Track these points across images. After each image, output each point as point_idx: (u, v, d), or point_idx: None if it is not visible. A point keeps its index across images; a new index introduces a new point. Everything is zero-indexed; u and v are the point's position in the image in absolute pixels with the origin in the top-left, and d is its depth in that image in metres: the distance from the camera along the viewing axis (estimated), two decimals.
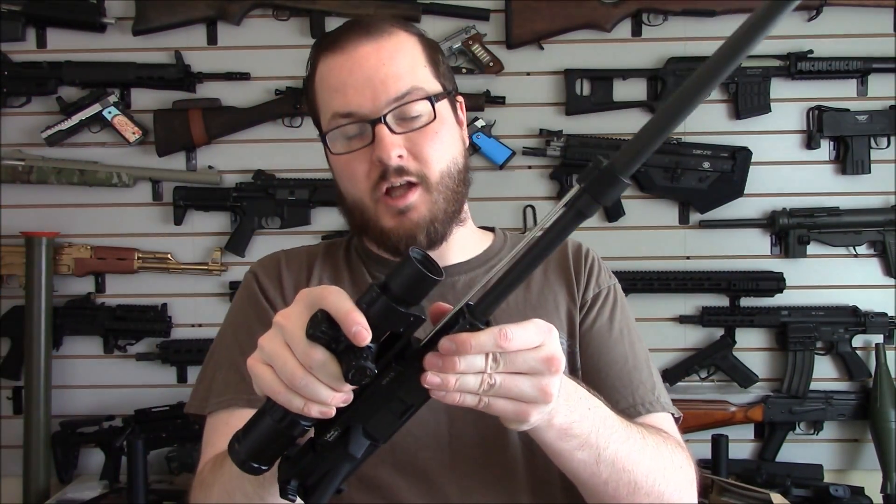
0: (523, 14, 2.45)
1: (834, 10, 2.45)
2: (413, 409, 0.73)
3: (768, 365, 2.51)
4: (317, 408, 0.69)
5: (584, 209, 0.67)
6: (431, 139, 1.00)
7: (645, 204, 2.52)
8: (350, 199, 1.04)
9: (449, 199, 1.01)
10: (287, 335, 0.70)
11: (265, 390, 0.71)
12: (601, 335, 1.07)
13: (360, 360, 0.67)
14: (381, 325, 0.68)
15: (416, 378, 0.70)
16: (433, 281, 0.67)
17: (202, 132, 2.47)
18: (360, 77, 0.99)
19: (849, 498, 2.30)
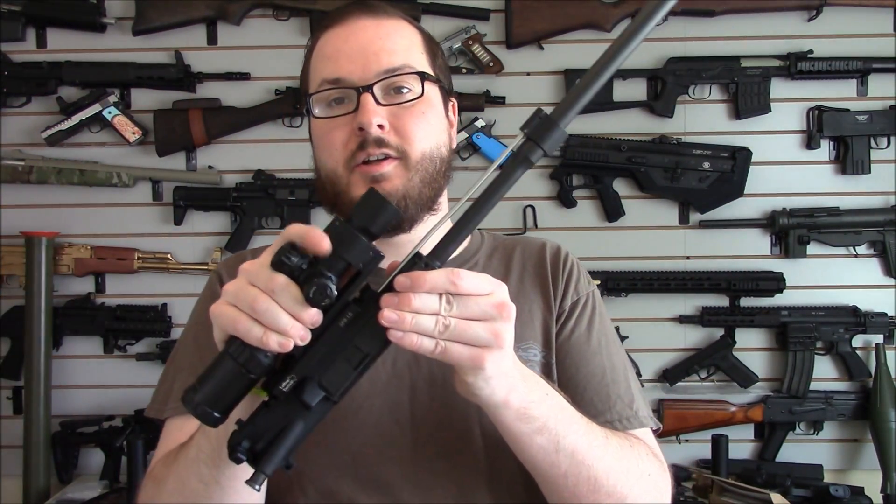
0: (523, 14, 2.45)
1: (834, 10, 2.45)
2: (369, 359, 0.72)
3: (768, 365, 2.51)
4: (275, 337, 0.68)
5: (529, 154, 0.73)
6: (416, 117, 0.97)
7: (645, 204, 2.52)
8: (324, 171, 1.00)
9: (426, 182, 0.97)
10: (251, 274, 0.71)
11: (225, 326, 0.71)
12: (579, 346, 1.03)
13: (322, 279, 0.68)
14: (344, 255, 0.69)
15: (372, 322, 0.71)
16: (394, 211, 0.71)
17: (202, 132, 2.47)
18: (355, 46, 0.97)
19: (849, 498, 2.30)
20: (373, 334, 0.72)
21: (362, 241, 0.70)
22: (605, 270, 2.47)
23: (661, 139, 2.47)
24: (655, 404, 2.50)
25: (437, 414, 0.96)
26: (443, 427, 0.96)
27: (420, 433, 0.96)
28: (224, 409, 0.72)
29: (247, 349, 0.70)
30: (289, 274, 0.69)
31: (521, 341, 1.00)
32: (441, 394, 0.97)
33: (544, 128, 0.73)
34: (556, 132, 0.73)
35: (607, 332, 1.07)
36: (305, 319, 0.69)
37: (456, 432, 0.97)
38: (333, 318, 0.72)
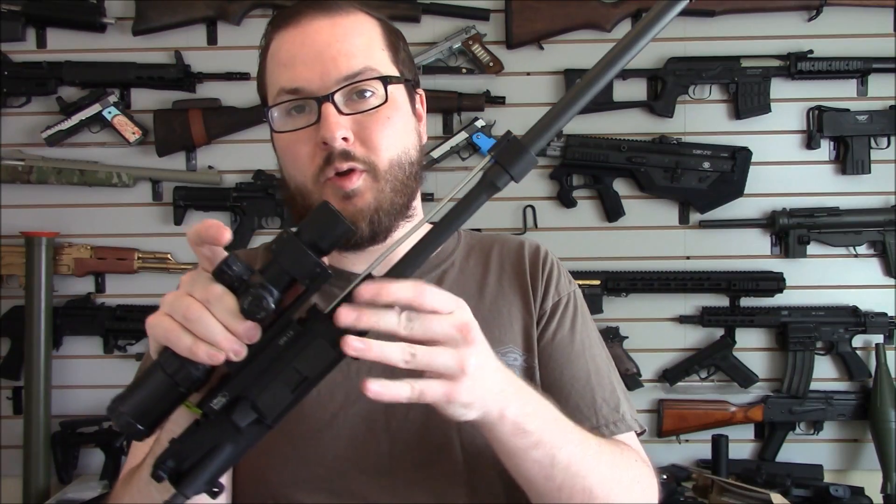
0: (523, 14, 2.45)
1: (834, 10, 2.45)
2: (308, 383, 0.68)
3: (768, 365, 2.51)
4: (205, 347, 0.65)
5: (495, 180, 0.70)
6: (382, 124, 0.92)
7: (645, 204, 2.52)
8: (293, 184, 0.95)
9: (397, 191, 0.93)
10: (189, 283, 0.68)
11: (157, 335, 0.68)
12: (562, 349, 1.01)
13: (259, 291, 0.65)
14: (289, 269, 0.66)
15: (315, 344, 0.68)
16: (345, 226, 0.67)
17: (202, 132, 2.47)
18: (311, 52, 0.91)
19: (849, 498, 2.30)
20: (315, 356, 0.68)
21: (309, 255, 0.66)
22: (605, 270, 2.47)
23: (661, 139, 2.47)
24: (655, 404, 2.50)
25: (415, 423, 0.94)
26: (420, 437, 0.94)
27: (397, 443, 0.93)
28: (150, 423, 0.68)
29: (177, 360, 0.67)
30: (228, 284, 0.66)
31: (501, 345, 0.98)
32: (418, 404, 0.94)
33: (513, 152, 0.69)
34: (526, 157, 0.69)
35: (590, 333, 1.05)
36: (239, 332, 0.66)
37: (434, 442, 0.94)
38: (274, 335, 0.68)
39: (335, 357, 0.68)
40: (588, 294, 2.45)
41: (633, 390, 2.47)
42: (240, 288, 0.66)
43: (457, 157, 2.47)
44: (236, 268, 0.66)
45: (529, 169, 0.70)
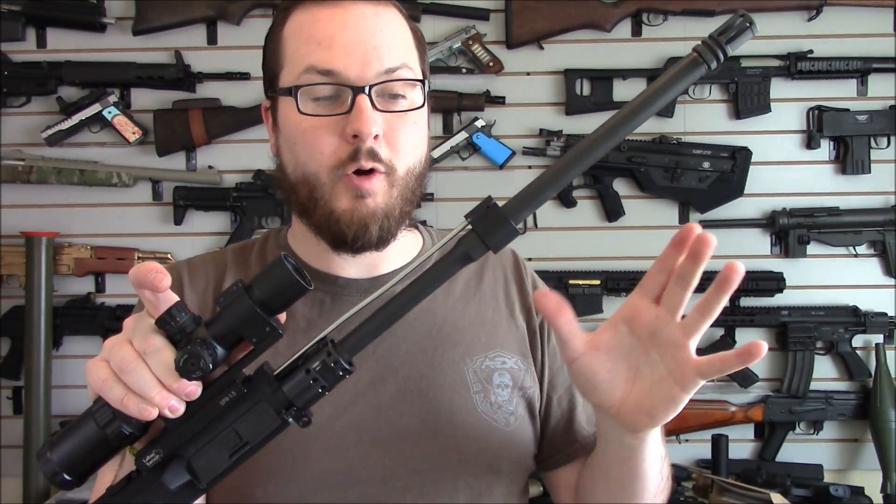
0: (523, 14, 2.45)
1: (834, 10, 2.45)
2: (248, 448, 0.65)
3: (768, 365, 2.51)
4: (136, 401, 0.62)
5: (470, 250, 0.64)
6: (410, 128, 0.89)
7: (645, 204, 2.52)
8: (300, 173, 0.89)
9: (406, 198, 0.90)
10: (130, 329, 0.65)
11: (91, 383, 0.65)
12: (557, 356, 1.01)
13: (197, 348, 0.61)
14: (237, 327, 0.62)
15: (259, 408, 0.64)
16: (301, 288, 0.63)
17: (202, 132, 2.47)
18: (353, 36, 0.86)
19: (849, 498, 2.30)
20: (257, 421, 0.64)
21: (258, 315, 0.62)
22: (605, 270, 2.47)
23: (661, 139, 2.47)
24: None
25: (408, 431, 0.92)
26: (415, 445, 0.92)
27: (389, 452, 0.91)
28: (80, 474, 0.65)
29: (110, 412, 0.63)
30: (171, 335, 0.63)
31: (489, 350, 0.97)
32: (411, 410, 0.92)
33: (492, 221, 0.64)
34: (506, 228, 0.64)
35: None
36: (175, 389, 0.62)
37: (429, 449, 0.92)
38: (216, 393, 0.64)
39: (279, 424, 0.65)
40: (588, 294, 2.45)
41: None
42: (181, 341, 0.62)
43: (457, 157, 2.47)
44: (180, 318, 0.62)
45: (509, 241, 0.65)
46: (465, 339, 0.97)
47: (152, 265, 0.64)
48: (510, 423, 0.96)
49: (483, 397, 0.95)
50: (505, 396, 0.96)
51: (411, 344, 0.95)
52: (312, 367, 0.64)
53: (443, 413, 0.93)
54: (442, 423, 0.93)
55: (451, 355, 0.96)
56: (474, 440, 0.93)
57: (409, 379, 0.94)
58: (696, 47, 0.65)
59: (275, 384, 0.65)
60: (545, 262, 2.47)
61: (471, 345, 0.97)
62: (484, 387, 0.95)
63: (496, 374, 0.97)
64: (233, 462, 0.65)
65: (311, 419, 0.66)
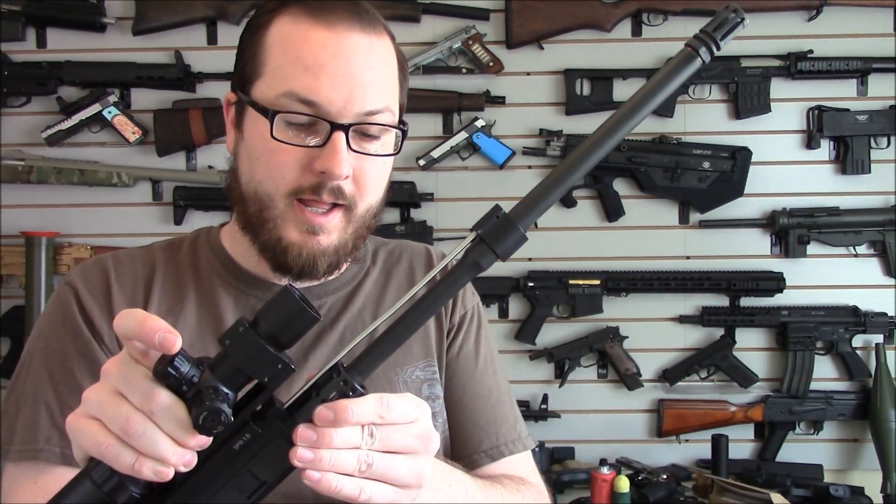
0: (523, 14, 2.45)
1: (834, 10, 2.45)
2: (265, 487, 0.61)
3: (768, 365, 2.51)
4: (150, 464, 0.56)
5: (480, 259, 0.62)
6: (379, 171, 0.87)
7: (645, 204, 2.52)
8: (253, 188, 0.86)
9: (359, 234, 0.88)
10: (120, 380, 0.58)
11: (88, 447, 0.58)
12: (467, 364, 0.99)
13: (215, 402, 0.56)
14: (246, 368, 0.58)
15: (275, 446, 0.60)
16: (312, 318, 0.59)
17: (202, 132, 2.47)
18: (343, 70, 0.82)
19: (849, 498, 2.29)
20: (273, 459, 0.60)
21: (268, 352, 0.58)
22: (605, 270, 2.47)
23: (661, 139, 2.47)
24: (655, 404, 2.50)
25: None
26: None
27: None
28: None
29: (114, 476, 0.57)
30: (174, 387, 0.57)
31: (422, 359, 0.96)
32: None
33: (501, 229, 0.62)
34: (515, 235, 0.62)
35: (491, 348, 1.03)
36: (191, 446, 0.57)
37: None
38: (228, 437, 0.60)
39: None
40: (588, 294, 2.45)
41: (634, 390, 2.47)
42: (188, 391, 0.57)
43: (457, 157, 2.47)
44: (184, 370, 0.57)
45: (518, 247, 0.63)
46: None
47: (157, 323, 0.57)
48: (443, 431, 0.95)
49: None
50: (436, 407, 0.95)
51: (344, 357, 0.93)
52: (330, 398, 0.61)
53: None
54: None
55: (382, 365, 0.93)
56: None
57: None
58: (689, 41, 0.66)
59: (289, 419, 0.61)
60: (545, 262, 2.47)
61: (401, 354, 0.93)
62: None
63: (426, 384, 0.96)
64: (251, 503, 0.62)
65: None
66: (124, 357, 0.59)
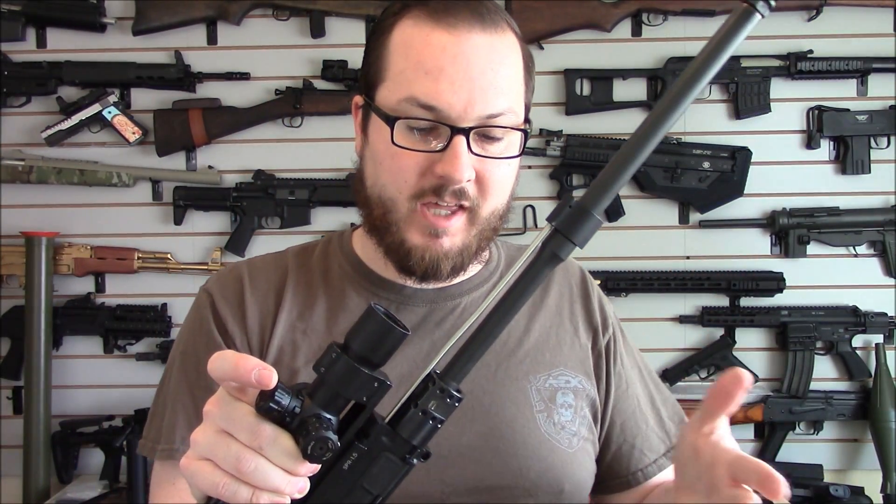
0: (523, 14, 2.45)
1: (834, 10, 2.45)
2: (380, 499, 0.63)
3: (768, 365, 2.51)
4: (267, 496, 0.58)
5: (557, 250, 0.62)
6: (503, 173, 0.87)
7: (645, 204, 2.52)
8: (379, 192, 0.88)
9: (484, 237, 0.89)
10: (225, 420, 0.59)
11: (205, 488, 0.60)
12: (628, 374, 1.01)
13: (321, 431, 0.58)
14: (343, 391, 0.60)
15: (383, 459, 0.62)
16: (401, 335, 0.60)
17: (202, 132, 2.47)
18: (463, 73, 0.82)
19: (849, 498, 2.30)
20: (384, 473, 0.62)
21: (363, 374, 0.59)
22: (605, 270, 2.47)
23: None
24: None
25: (469, 448, 0.89)
26: (475, 463, 0.89)
27: (448, 469, 0.88)
28: None
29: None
30: (278, 420, 0.59)
31: (552, 368, 0.96)
32: (472, 427, 0.90)
33: (575, 218, 0.62)
34: (591, 222, 0.62)
35: (639, 354, 1.06)
36: (303, 474, 0.59)
37: (490, 468, 0.89)
38: (336, 458, 0.62)
39: (407, 469, 0.63)
40: None
41: None
42: (292, 422, 0.59)
43: None
44: (285, 402, 0.58)
45: (594, 232, 0.63)
46: (528, 356, 0.96)
47: (251, 363, 0.58)
48: (573, 445, 0.94)
49: (546, 416, 0.93)
50: (568, 416, 0.94)
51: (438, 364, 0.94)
52: (429, 408, 0.62)
53: (504, 431, 0.91)
54: (503, 442, 0.90)
55: (515, 372, 0.94)
56: (536, 460, 0.91)
57: (470, 395, 0.90)
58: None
59: (392, 433, 0.62)
60: None
61: (534, 362, 0.95)
62: (547, 406, 0.94)
63: (560, 392, 0.95)
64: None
65: (430, 453, 0.65)
66: (224, 397, 0.60)
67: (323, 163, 2.48)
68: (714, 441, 0.71)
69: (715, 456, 0.70)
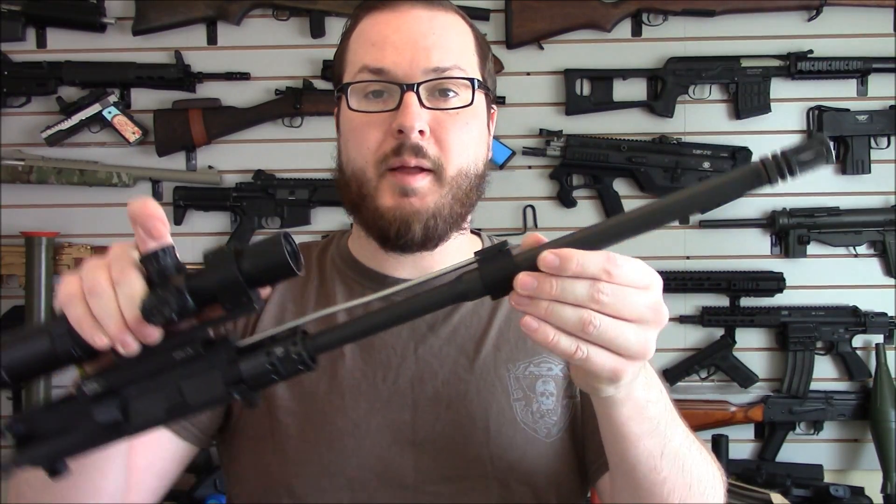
0: (523, 14, 2.45)
1: (834, 10, 2.45)
2: (185, 409, 0.64)
3: (768, 365, 2.51)
4: (91, 325, 0.60)
5: (469, 292, 0.62)
6: (460, 127, 0.90)
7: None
8: (351, 168, 0.91)
9: (458, 200, 0.90)
10: (112, 256, 0.62)
11: (60, 297, 0.62)
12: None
13: (168, 297, 0.59)
14: (214, 288, 0.61)
15: (210, 375, 0.63)
16: (290, 271, 0.61)
17: (202, 132, 2.47)
18: (404, 37, 0.88)
19: (849, 498, 2.30)
20: (204, 386, 0.63)
21: (239, 282, 0.60)
22: None
23: (661, 139, 2.47)
24: None
25: (443, 436, 0.90)
26: (449, 451, 0.90)
27: (422, 456, 0.90)
28: (16, 377, 0.63)
29: (65, 329, 0.62)
30: (151, 275, 0.61)
31: (536, 356, 0.95)
32: (447, 415, 0.91)
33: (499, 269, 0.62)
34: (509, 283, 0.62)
35: None
36: (134, 328, 0.60)
37: (463, 457, 0.90)
38: (174, 345, 0.63)
39: (224, 396, 0.63)
40: None
41: None
42: (160, 284, 0.61)
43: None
44: (164, 262, 0.61)
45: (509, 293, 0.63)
46: (508, 343, 0.95)
47: (155, 212, 0.61)
48: (552, 434, 0.93)
49: (524, 405, 0.92)
50: (549, 405, 0.93)
51: (453, 347, 0.93)
52: (274, 352, 0.63)
53: (478, 420, 0.91)
54: (477, 431, 0.90)
55: (493, 360, 0.94)
56: (510, 450, 0.90)
57: (447, 382, 0.91)
58: (763, 158, 0.61)
59: (234, 357, 0.63)
60: None
61: (515, 349, 0.94)
62: (526, 394, 0.93)
63: (540, 381, 0.94)
64: (166, 418, 0.64)
65: (258, 403, 0.65)
66: (127, 243, 0.63)
67: (323, 163, 2.45)
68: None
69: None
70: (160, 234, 0.61)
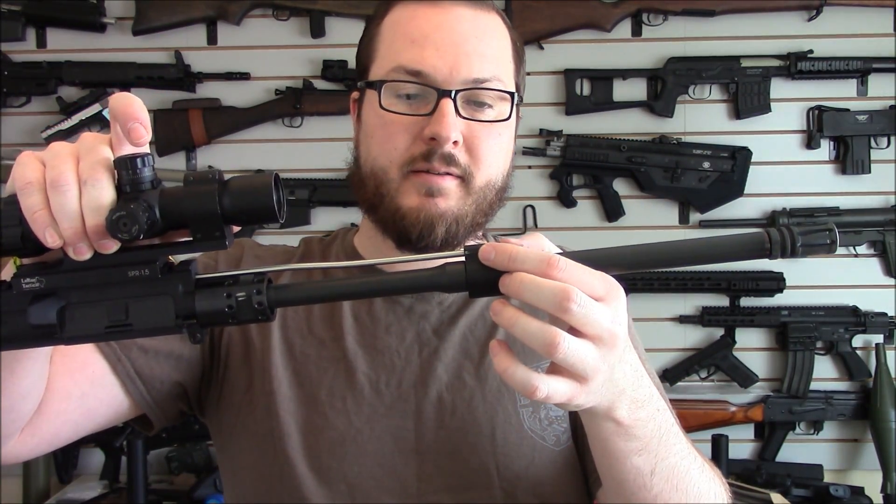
0: (523, 14, 2.45)
1: (834, 10, 2.45)
2: (128, 330, 0.59)
3: (768, 365, 2.51)
4: (46, 222, 0.55)
5: (451, 284, 0.61)
6: (494, 139, 0.87)
7: (645, 204, 2.52)
8: (371, 165, 0.88)
9: (481, 211, 0.88)
10: (84, 147, 0.57)
11: (16, 177, 0.56)
12: None
13: (137, 210, 0.54)
14: (189, 216, 0.57)
15: (162, 300, 0.58)
16: (273, 217, 0.58)
17: (202, 132, 2.47)
18: (447, 38, 0.84)
19: (849, 498, 2.30)
20: (151, 311, 0.58)
21: (216, 216, 0.57)
22: None
23: (661, 139, 2.47)
24: None
25: (446, 444, 0.88)
26: (452, 458, 0.88)
27: (425, 464, 0.87)
28: None
29: (15, 216, 0.56)
30: (122, 182, 0.56)
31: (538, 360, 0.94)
32: (451, 421, 0.89)
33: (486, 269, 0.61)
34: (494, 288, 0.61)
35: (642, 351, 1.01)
36: (93, 237, 0.55)
37: (467, 465, 0.88)
38: (129, 262, 0.58)
39: (171, 325, 0.59)
40: None
41: None
42: (131, 195, 0.55)
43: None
44: (141, 173, 0.56)
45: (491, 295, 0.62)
46: (515, 347, 0.92)
47: (140, 114, 0.56)
48: (561, 442, 0.90)
49: (531, 412, 0.90)
50: (558, 412, 0.91)
51: (458, 350, 0.92)
52: (235, 294, 0.59)
53: (484, 427, 0.88)
54: (482, 439, 0.88)
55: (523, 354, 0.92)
56: (516, 458, 0.88)
57: (451, 387, 0.89)
58: (769, 230, 0.62)
59: (191, 289, 0.59)
60: None
61: (521, 353, 0.91)
62: (534, 401, 0.88)
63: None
64: (105, 335, 0.59)
65: (203, 339, 0.61)
66: (104, 135, 0.58)
67: (323, 163, 2.48)
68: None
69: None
70: (140, 139, 0.56)
